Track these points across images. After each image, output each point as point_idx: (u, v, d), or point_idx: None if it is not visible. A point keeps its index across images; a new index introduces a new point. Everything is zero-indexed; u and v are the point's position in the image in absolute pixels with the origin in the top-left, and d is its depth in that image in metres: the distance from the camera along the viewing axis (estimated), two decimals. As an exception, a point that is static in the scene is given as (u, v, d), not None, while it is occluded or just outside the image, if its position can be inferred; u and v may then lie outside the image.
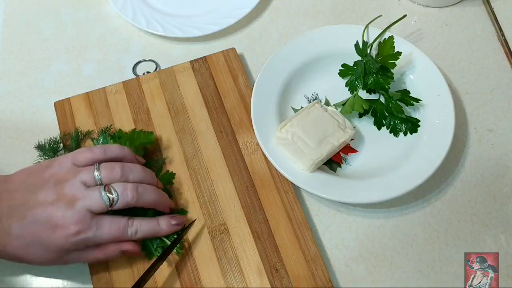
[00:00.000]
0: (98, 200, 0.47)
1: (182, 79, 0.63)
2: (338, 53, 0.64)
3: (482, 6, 0.71)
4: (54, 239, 0.46)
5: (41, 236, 0.46)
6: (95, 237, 0.47)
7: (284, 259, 0.53)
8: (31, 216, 0.47)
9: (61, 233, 0.46)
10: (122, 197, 0.48)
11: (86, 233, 0.47)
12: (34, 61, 0.69)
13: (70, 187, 0.48)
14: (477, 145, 0.61)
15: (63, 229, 0.46)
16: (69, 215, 0.46)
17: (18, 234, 0.46)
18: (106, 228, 0.48)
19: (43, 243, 0.47)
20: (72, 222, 0.46)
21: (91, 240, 0.47)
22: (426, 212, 0.57)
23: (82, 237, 0.47)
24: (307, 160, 0.55)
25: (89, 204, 0.47)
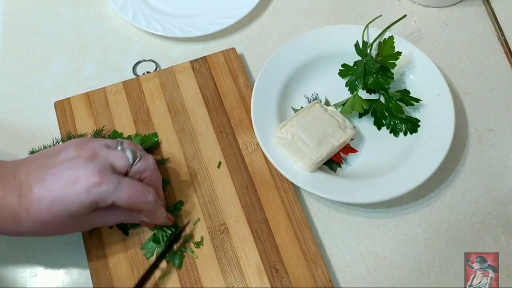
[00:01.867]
0: (122, 157, 0.48)
1: (182, 79, 0.63)
2: (338, 53, 0.64)
3: (482, 6, 0.71)
4: (75, 194, 0.45)
5: (62, 192, 0.45)
6: (116, 191, 0.46)
7: (284, 259, 0.53)
8: (50, 175, 0.45)
9: (82, 185, 0.45)
10: (144, 159, 0.49)
11: (107, 185, 0.45)
12: (34, 61, 0.69)
13: (92, 145, 0.48)
14: (477, 145, 0.61)
15: (84, 180, 0.45)
16: (91, 167, 0.45)
17: (39, 195, 0.44)
18: (126, 185, 0.47)
19: (65, 199, 0.45)
20: (93, 173, 0.45)
21: (111, 195, 0.46)
22: (426, 212, 0.57)
23: (104, 189, 0.45)
24: (307, 160, 0.55)
25: (112, 159, 0.47)
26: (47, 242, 0.56)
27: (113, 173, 0.46)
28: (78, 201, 0.45)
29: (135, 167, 0.48)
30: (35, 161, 0.47)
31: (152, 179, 0.50)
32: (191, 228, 0.54)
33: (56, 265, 0.55)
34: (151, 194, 0.49)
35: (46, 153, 0.48)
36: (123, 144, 0.50)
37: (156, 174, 0.51)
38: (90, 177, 0.45)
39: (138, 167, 0.49)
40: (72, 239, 0.55)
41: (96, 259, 0.53)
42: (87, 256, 0.53)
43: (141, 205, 0.48)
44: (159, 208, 0.51)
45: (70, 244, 0.55)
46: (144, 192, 0.48)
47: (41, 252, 0.55)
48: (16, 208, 0.45)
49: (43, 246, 0.56)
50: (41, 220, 0.45)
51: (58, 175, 0.45)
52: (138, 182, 0.49)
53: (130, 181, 0.48)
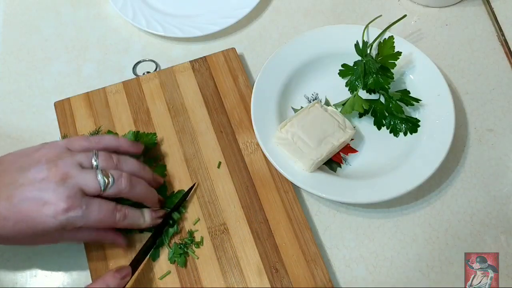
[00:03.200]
0: (93, 181, 0.47)
1: (182, 79, 0.63)
2: (338, 53, 0.64)
3: (482, 6, 0.71)
4: (42, 217, 0.45)
5: (28, 214, 0.45)
6: (83, 217, 0.46)
7: (284, 259, 0.53)
8: (19, 195, 0.45)
9: (49, 210, 0.44)
10: (117, 184, 0.48)
11: (75, 211, 0.45)
12: (34, 61, 0.69)
13: (65, 164, 0.47)
14: (477, 145, 0.61)
15: (51, 205, 0.44)
16: (60, 191, 0.45)
17: (6, 214, 0.45)
18: (95, 209, 0.46)
19: (31, 222, 0.45)
20: (61, 199, 0.45)
21: (79, 220, 0.46)
22: (426, 212, 0.57)
23: (71, 215, 0.45)
24: (307, 160, 0.55)
25: (83, 183, 0.46)
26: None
27: (82, 197, 0.46)
28: (44, 225, 0.45)
29: (106, 194, 0.48)
30: (5, 174, 0.47)
31: (132, 195, 0.50)
32: (191, 228, 0.54)
33: (56, 265, 0.55)
34: (118, 214, 0.48)
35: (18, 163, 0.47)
36: (98, 159, 0.49)
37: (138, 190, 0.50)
38: (58, 203, 0.45)
39: (110, 193, 0.48)
40: (72, 239, 0.55)
41: (96, 259, 0.53)
42: (87, 256, 0.53)
43: (110, 224, 0.49)
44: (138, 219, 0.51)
45: (70, 244, 0.55)
46: (112, 214, 0.48)
47: (41, 252, 0.55)
48: None
49: (43, 246, 0.56)
50: (5, 236, 0.46)
51: (26, 196, 0.45)
52: (108, 202, 0.48)
53: (100, 203, 0.47)
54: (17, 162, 0.48)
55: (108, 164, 0.49)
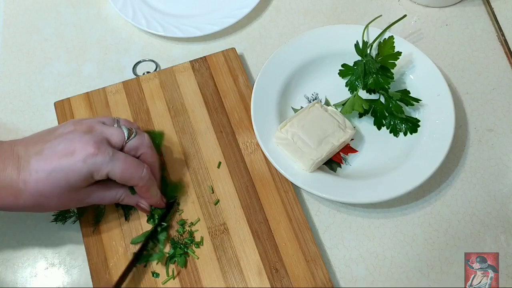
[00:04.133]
0: (117, 131, 0.49)
1: (182, 79, 0.63)
2: (338, 53, 0.64)
3: (482, 6, 0.71)
4: (72, 164, 0.46)
5: (60, 163, 0.46)
6: (110, 162, 0.47)
7: (284, 259, 0.53)
8: (48, 148, 0.47)
9: (79, 156, 0.46)
10: (139, 136, 0.50)
11: (103, 156, 0.47)
12: (34, 61, 0.69)
13: (89, 121, 0.50)
14: (477, 145, 0.61)
15: (80, 151, 0.46)
16: (87, 138, 0.47)
17: (37, 167, 0.46)
18: (121, 158, 0.48)
19: (62, 170, 0.46)
20: (89, 144, 0.46)
21: (106, 165, 0.47)
22: (426, 212, 0.57)
23: (99, 159, 0.46)
24: (307, 160, 0.55)
25: (107, 133, 0.49)
26: (47, 242, 0.56)
27: (108, 145, 0.48)
28: (75, 170, 0.46)
29: (130, 143, 0.50)
30: (33, 137, 0.49)
31: (147, 156, 0.52)
32: (191, 228, 0.54)
33: (56, 265, 0.55)
34: (145, 170, 0.50)
35: (44, 131, 0.50)
36: (120, 122, 0.52)
37: (151, 152, 0.52)
38: (87, 148, 0.46)
39: (133, 143, 0.50)
40: (72, 239, 0.55)
41: (96, 259, 0.53)
42: (87, 256, 0.53)
43: (135, 179, 0.49)
44: (153, 186, 0.52)
45: (70, 244, 0.55)
46: (138, 167, 0.49)
47: (41, 252, 0.55)
48: (15, 180, 0.46)
49: (43, 246, 0.56)
50: (40, 192, 0.46)
51: (55, 147, 0.46)
52: (133, 157, 0.50)
53: (125, 155, 0.49)
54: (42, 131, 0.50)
55: (129, 125, 0.52)
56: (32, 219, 0.57)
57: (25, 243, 0.56)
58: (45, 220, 0.56)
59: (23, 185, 0.46)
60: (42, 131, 0.51)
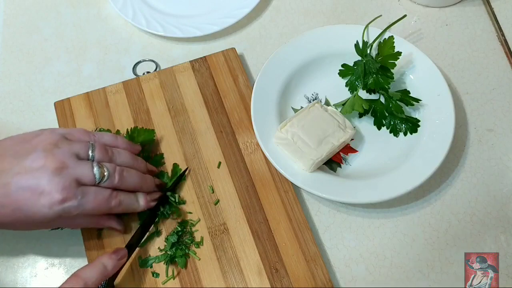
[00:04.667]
0: (89, 173, 0.47)
1: (182, 79, 0.63)
2: (338, 53, 0.64)
3: (482, 6, 0.71)
4: (38, 207, 0.45)
5: (25, 203, 0.45)
6: (79, 206, 0.46)
7: (284, 259, 0.53)
8: (15, 183, 0.45)
9: (45, 201, 0.45)
10: (111, 179, 0.49)
11: (71, 202, 0.46)
12: (34, 61, 0.69)
13: (61, 154, 0.47)
14: (477, 145, 0.61)
15: (47, 196, 0.45)
16: (55, 182, 0.45)
17: (3, 202, 0.45)
18: (91, 198, 0.47)
19: (27, 210, 0.45)
20: (57, 189, 0.45)
21: (74, 210, 0.46)
22: (426, 212, 0.57)
23: (67, 205, 0.46)
24: (307, 160, 0.55)
25: (79, 173, 0.47)
26: (47, 242, 0.56)
27: (77, 187, 0.47)
28: (41, 213, 0.46)
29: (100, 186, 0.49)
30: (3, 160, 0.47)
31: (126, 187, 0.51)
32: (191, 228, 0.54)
33: (56, 265, 0.55)
34: (114, 200, 0.49)
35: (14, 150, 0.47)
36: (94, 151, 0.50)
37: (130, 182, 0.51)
38: (54, 194, 0.45)
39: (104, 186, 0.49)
40: (72, 239, 0.55)
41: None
42: (87, 256, 0.53)
43: (106, 211, 0.49)
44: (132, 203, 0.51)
45: (70, 244, 0.55)
46: (107, 201, 0.49)
47: (41, 253, 0.55)
48: None
49: (43, 246, 0.56)
50: (4, 222, 0.47)
51: (22, 185, 0.45)
52: (103, 190, 0.49)
53: (95, 191, 0.48)
54: (14, 148, 0.48)
55: (104, 157, 0.50)
56: (32, 219, 0.57)
57: (25, 244, 0.56)
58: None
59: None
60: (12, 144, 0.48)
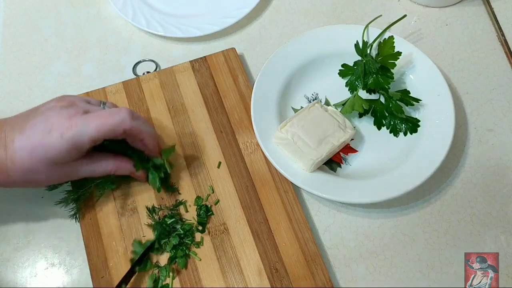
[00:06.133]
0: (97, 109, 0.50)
1: (182, 79, 0.63)
2: (338, 53, 0.64)
3: (482, 6, 0.71)
4: (51, 141, 0.47)
5: (40, 141, 0.47)
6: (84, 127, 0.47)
7: (284, 259, 0.53)
8: (30, 125, 0.48)
9: (56, 132, 0.47)
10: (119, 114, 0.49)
11: (76, 125, 0.47)
12: (34, 61, 0.69)
13: (73, 97, 0.50)
14: (477, 145, 0.61)
15: (57, 127, 0.47)
16: (63, 113, 0.47)
17: (21, 145, 0.47)
18: (94, 117, 0.48)
19: (43, 148, 0.47)
20: (65, 119, 0.47)
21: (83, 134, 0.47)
22: (426, 212, 0.57)
23: (74, 130, 0.47)
24: (307, 160, 0.55)
25: (87, 109, 0.49)
26: (47, 242, 0.56)
27: (83, 114, 0.48)
28: (55, 147, 0.47)
29: None
30: (20, 116, 0.50)
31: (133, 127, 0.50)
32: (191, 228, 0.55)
33: (56, 265, 0.55)
34: (122, 112, 0.49)
35: (31, 109, 0.51)
36: (106, 104, 0.53)
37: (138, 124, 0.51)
38: (63, 123, 0.47)
39: None
40: (72, 239, 0.55)
41: (96, 259, 0.53)
42: (87, 256, 0.53)
43: (118, 126, 0.49)
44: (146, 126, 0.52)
45: (70, 244, 0.55)
46: (111, 115, 0.49)
47: (41, 252, 0.55)
48: (3, 159, 0.47)
49: (43, 246, 0.56)
50: (27, 168, 0.47)
51: (36, 125, 0.47)
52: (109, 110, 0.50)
53: (99, 111, 0.49)
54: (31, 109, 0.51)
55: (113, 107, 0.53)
56: (33, 219, 0.57)
57: (25, 243, 0.56)
58: (46, 220, 0.56)
59: (11, 164, 0.47)
60: (30, 109, 0.51)
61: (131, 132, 0.50)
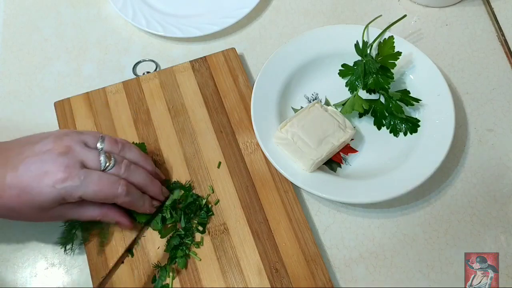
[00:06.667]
0: (94, 158, 0.48)
1: (182, 79, 0.63)
2: (338, 53, 0.64)
3: (482, 6, 0.71)
4: (42, 187, 0.46)
5: (30, 184, 0.46)
6: (81, 186, 0.46)
7: (284, 259, 0.53)
8: (23, 165, 0.47)
9: (48, 180, 0.46)
10: (116, 168, 0.49)
11: (73, 181, 0.46)
12: (34, 61, 0.69)
13: (69, 140, 0.49)
14: (477, 145, 0.61)
15: (50, 175, 0.46)
16: (59, 161, 0.46)
17: (11, 183, 0.46)
18: (94, 179, 0.47)
19: (33, 192, 0.46)
20: (60, 168, 0.46)
21: (76, 190, 0.46)
22: (426, 212, 0.57)
23: (69, 184, 0.46)
24: (307, 160, 0.55)
25: (84, 158, 0.48)
26: (47, 242, 0.56)
27: (81, 168, 0.47)
28: (44, 194, 0.46)
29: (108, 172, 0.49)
30: (15, 148, 0.49)
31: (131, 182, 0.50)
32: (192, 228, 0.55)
33: (56, 265, 0.55)
34: (120, 188, 0.49)
35: (28, 140, 0.50)
36: (103, 142, 0.51)
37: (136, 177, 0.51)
38: (57, 172, 0.46)
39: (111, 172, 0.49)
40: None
41: (96, 259, 0.53)
42: (87, 256, 0.53)
43: (112, 198, 0.49)
44: (138, 199, 0.51)
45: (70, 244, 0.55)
46: (113, 185, 0.48)
47: (41, 252, 0.55)
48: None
49: (43, 246, 0.56)
50: (11, 207, 0.47)
51: (29, 167, 0.47)
52: (111, 175, 0.49)
53: (100, 175, 0.48)
54: (29, 138, 0.50)
55: (113, 149, 0.51)
56: (32, 219, 0.57)
57: (25, 243, 0.56)
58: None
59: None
60: (26, 138, 0.50)
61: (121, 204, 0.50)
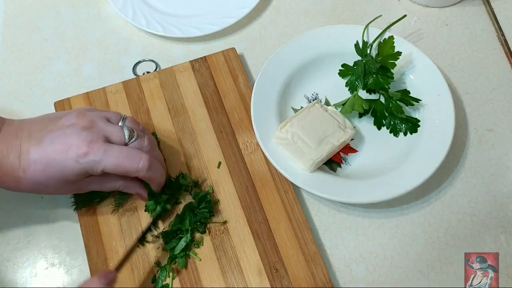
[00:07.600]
0: (118, 131, 0.49)
1: (182, 79, 0.63)
2: (338, 53, 0.64)
3: (482, 6, 0.71)
4: (66, 160, 0.47)
5: (55, 158, 0.47)
6: (102, 160, 0.47)
7: (284, 259, 0.53)
8: (47, 139, 0.48)
9: (72, 154, 0.47)
10: (139, 140, 0.50)
11: (94, 155, 0.47)
12: (34, 61, 0.69)
13: (93, 115, 0.50)
14: (477, 145, 0.61)
15: (74, 149, 0.47)
16: (83, 136, 0.47)
17: (36, 158, 0.47)
18: (115, 153, 0.48)
19: (57, 165, 0.47)
20: (84, 143, 0.47)
21: (99, 165, 0.47)
22: (426, 212, 0.57)
23: (91, 158, 0.47)
24: (307, 160, 0.55)
25: (108, 132, 0.49)
26: (47, 242, 0.56)
27: (104, 142, 0.48)
28: (69, 168, 0.47)
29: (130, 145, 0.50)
30: (38, 123, 0.50)
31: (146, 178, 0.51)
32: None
33: (56, 265, 0.55)
34: (142, 162, 0.49)
35: (50, 116, 0.51)
36: (125, 121, 0.52)
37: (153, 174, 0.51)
38: (80, 147, 0.47)
39: (132, 146, 0.50)
40: (72, 239, 0.55)
41: (96, 259, 0.53)
42: (87, 256, 0.53)
43: (132, 173, 0.49)
44: (156, 174, 0.51)
45: (70, 244, 0.55)
46: (133, 160, 0.49)
47: (41, 252, 0.55)
48: (16, 168, 0.47)
49: (43, 246, 0.56)
50: (38, 181, 0.48)
51: (54, 141, 0.47)
52: (130, 149, 0.49)
53: (120, 148, 0.49)
54: (50, 115, 0.51)
55: (134, 126, 0.52)
56: (33, 219, 0.57)
57: (25, 243, 0.56)
58: (46, 220, 0.56)
59: (23, 174, 0.47)
60: (49, 115, 0.51)
61: (142, 178, 0.51)
